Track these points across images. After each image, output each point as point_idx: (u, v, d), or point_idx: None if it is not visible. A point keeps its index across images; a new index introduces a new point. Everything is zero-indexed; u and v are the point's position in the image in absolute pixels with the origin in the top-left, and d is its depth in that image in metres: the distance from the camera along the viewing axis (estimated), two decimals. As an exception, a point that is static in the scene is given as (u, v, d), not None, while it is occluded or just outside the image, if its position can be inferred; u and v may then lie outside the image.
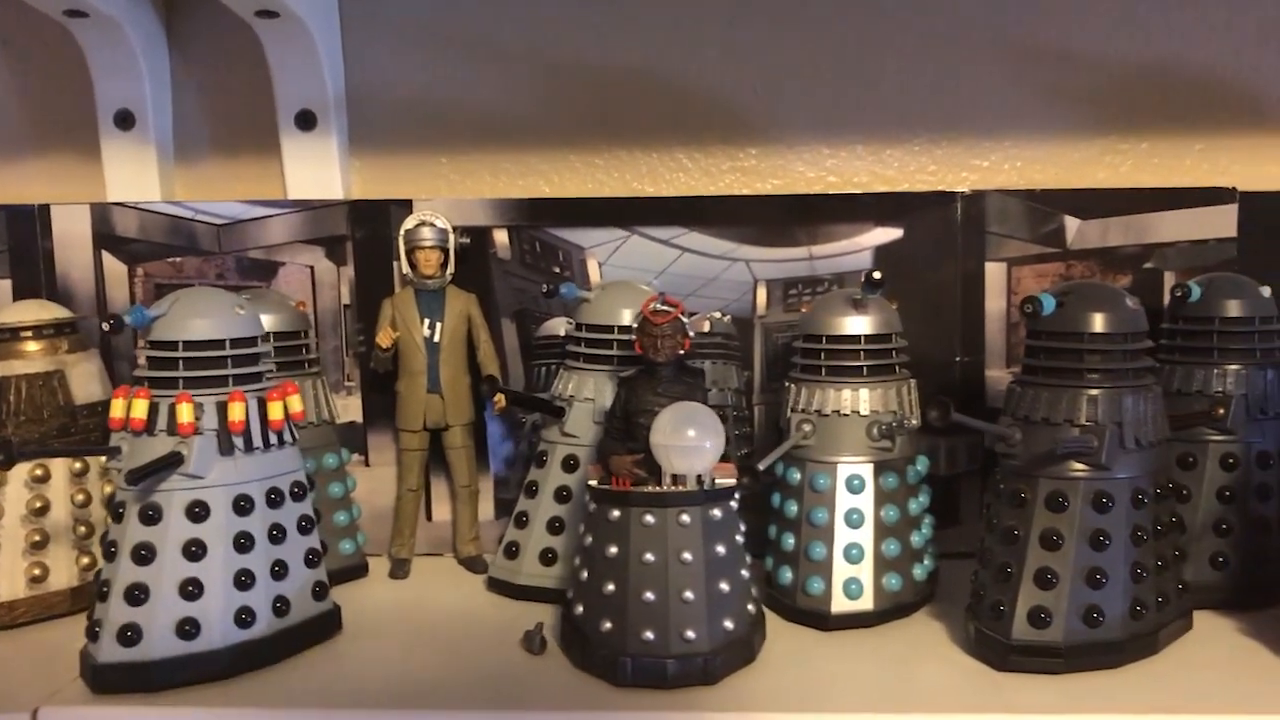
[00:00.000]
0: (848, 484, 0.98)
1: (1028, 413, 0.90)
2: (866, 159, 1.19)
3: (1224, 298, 1.02)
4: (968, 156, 1.18)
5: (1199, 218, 1.13)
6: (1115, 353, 0.89)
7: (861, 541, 0.97)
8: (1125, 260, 1.14)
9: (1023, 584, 0.87)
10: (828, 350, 1.00)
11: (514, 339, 1.17)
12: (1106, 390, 0.88)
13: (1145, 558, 0.88)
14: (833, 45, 1.18)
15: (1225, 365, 1.01)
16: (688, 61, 1.19)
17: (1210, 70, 1.16)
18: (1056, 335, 0.90)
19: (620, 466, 0.88)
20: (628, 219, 1.15)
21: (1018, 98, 1.17)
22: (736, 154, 1.19)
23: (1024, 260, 1.14)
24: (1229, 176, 1.16)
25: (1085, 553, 0.86)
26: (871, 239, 1.15)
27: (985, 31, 1.17)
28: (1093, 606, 0.86)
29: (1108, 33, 1.16)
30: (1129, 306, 0.90)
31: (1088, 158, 1.17)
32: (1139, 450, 0.88)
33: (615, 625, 0.86)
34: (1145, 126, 1.17)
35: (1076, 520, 0.87)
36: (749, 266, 1.16)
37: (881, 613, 0.97)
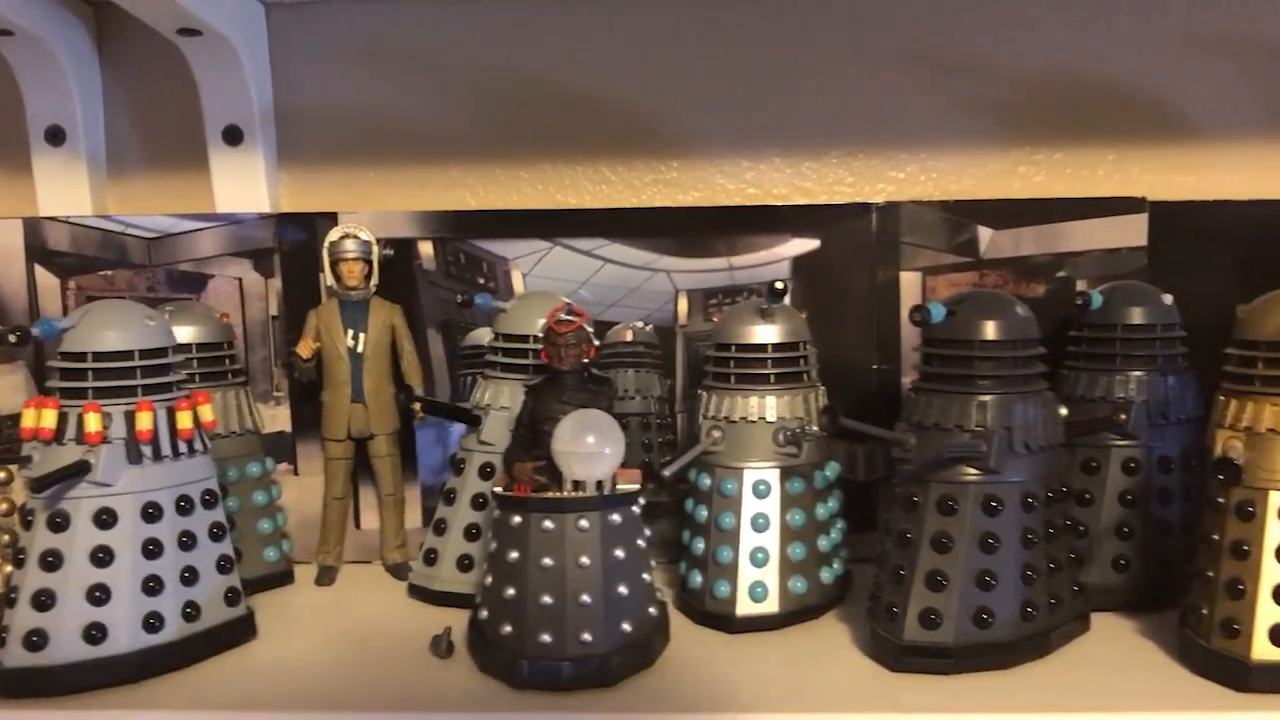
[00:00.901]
0: (754, 489, 0.99)
1: (921, 418, 0.91)
2: (785, 171, 1.21)
3: (1127, 305, 1.05)
4: (885, 168, 1.20)
5: (1110, 227, 1.16)
6: (1005, 359, 0.91)
7: (767, 545, 0.99)
8: (1038, 269, 1.16)
9: (914, 586, 0.89)
10: (737, 359, 1.02)
11: (439, 349, 1.19)
12: (997, 396, 0.90)
13: (1036, 560, 0.90)
14: (751, 60, 1.20)
15: (1128, 372, 1.03)
16: (610, 76, 1.21)
17: (1122, 83, 1.18)
18: (949, 343, 0.91)
19: (522, 473, 0.90)
20: (551, 230, 1.17)
21: (933, 110, 1.19)
22: (658, 166, 1.22)
23: (938, 270, 1.17)
24: (1140, 186, 1.18)
25: (975, 555, 0.88)
26: (789, 249, 1.17)
27: (901, 45, 1.19)
28: (983, 608, 0.88)
29: (1021, 46, 1.18)
30: (1019, 314, 0.92)
31: (1002, 169, 1.20)
32: (1029, 454, 0.90)
33: (515, 628, 0.87)
34: (1058, 138, 1.19)
35: (967, 523, 0.88)
36: (670, 277, 1.18)
37: (787, 615, 0.98)
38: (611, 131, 1.21)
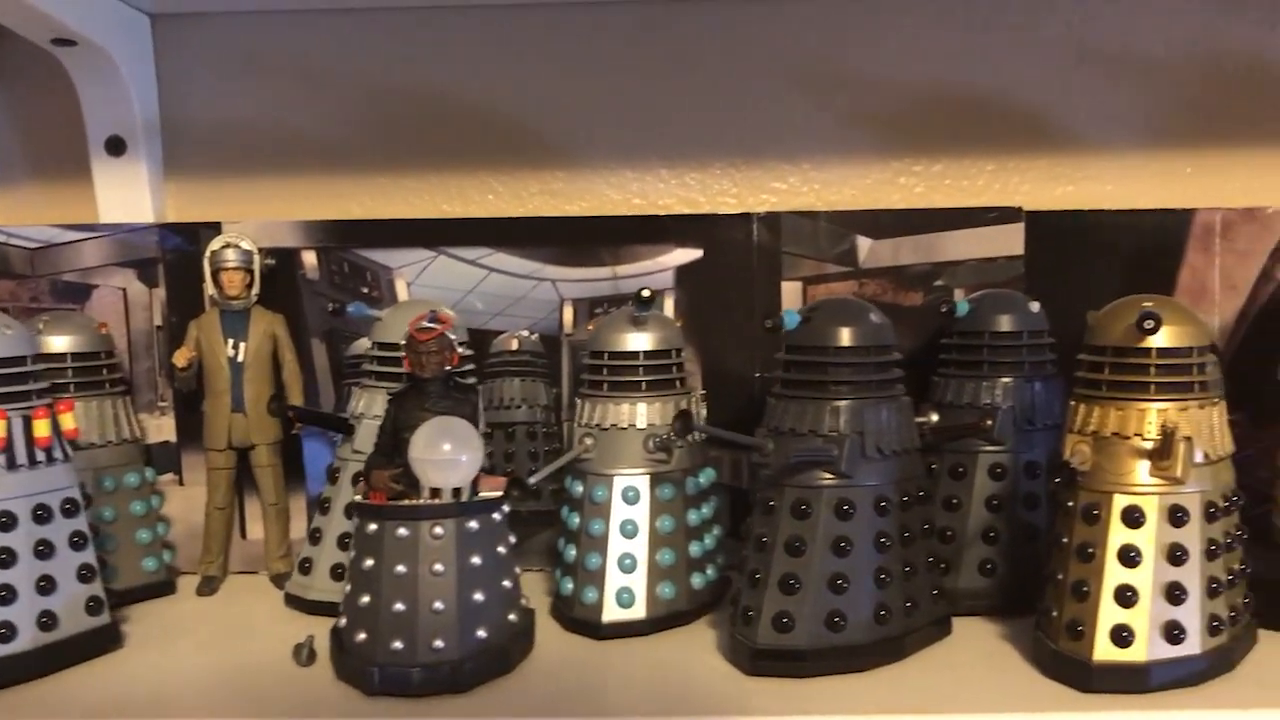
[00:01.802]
0: (623, 495, 1.00)
1: (778, 424, 0.92)
2: (670, 182, 1.22)
3: (995, 313, 1.06)
4: (768, 179, 1.21)
5: (988, 236, 1.17)
6: (860, 365, 0.92)
7: (635, 552, 0.99)
8: (916, 278, 1.17)
9: (768, 590, 0.89)
10: (609, 366, 1.03)
11: (324, 359, 1.19)
12: (851, 401, 0.91)
13: (890, 563, 0.91)
14: (637, 72, 1.21)
15: (995, 378, 1.05)
16: (497, 87, 1.22)
17: (1001, 95, 1.20)
18: (804, 350, 0.93)
19: (378, 480, 0.90)
20: (435, 240, 1.18)
21: (815, 122, 1.21)
22: (545, 177, 1.22)
23: (819, 279, 1.18)
24: (1019, 197, 1.20)
25: (828, 559, 0.89)
26: (673, 259, 1.18)
27: (783, 58, 1.20)
28: (835, 611, 0.88)
29: (902, 59, 1.20)
30: (874, 321, 0.93)
31: (883, 179, 1.21)
32: (882, 459, 0.91)
33: (368, 636, 0.87)
34: (938, 149, 1.20)
35: (819, 527, 0.89)
36: (555, 286, 1.18)
37: (654, 621, 0.99)
38: (498, 142, 1.22)
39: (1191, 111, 1.19)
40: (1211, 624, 0.85)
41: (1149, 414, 0.86)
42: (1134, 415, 0.86)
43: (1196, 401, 0.87)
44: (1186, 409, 0.86)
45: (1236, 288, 1.18)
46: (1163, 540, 0.85)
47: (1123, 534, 0.85)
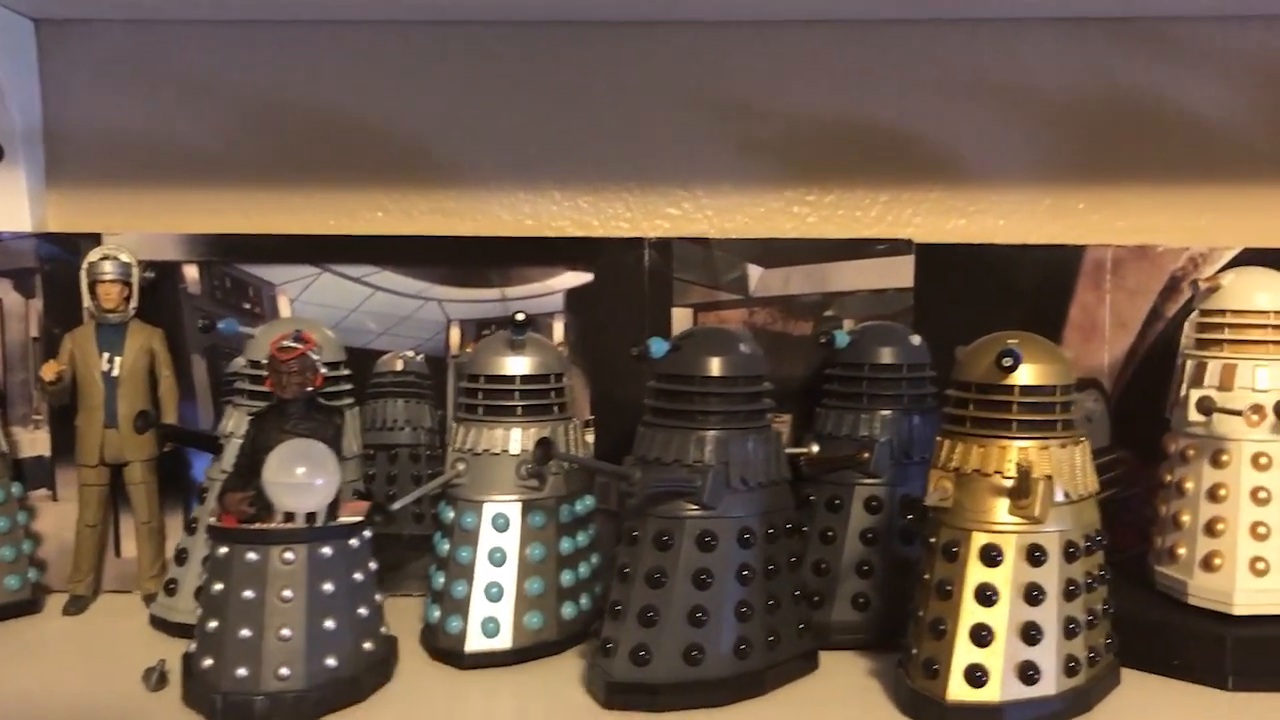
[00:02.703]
0: (493, 522, 0.98)
1: (645, 453, 0.91)
2: (562, 204, 1.21)
3: (876, 345, 1.06)
4: (662, 204, 1.21)
5: (878, 268, 1.17)
6: (728, 396, 0.91)
7: (502, 580, 0.98)
8: (806, 308, 1.17)
9: (628, 622, 0.88)
10: (485, 390, 1.01)
11: (204, 375, 1.17)
12: (717, 432, 0.90)
13: (753, 596, 0.90)
14: (531, 93, 1.20)
15: (875, 411, 1.04)
16: (389, 103, 1.20)
17: (895, 126, 1.20)
18: (673, 378, 0.92)
19: (231, 503, 0.88)
20: (320, 256, 1.16)
21: (710, 148, 1.20)
22: (436, 195, 1.21)
23: (709, 306, 1.17)
24: (911, 229, 1.20)
25: (688, 591, 0.88)
26: (563, 282, 1.17)
27: (679, 83, 1.20)
28: (694, 645, 0.87)
29: (796, 87, 1.19)
30: (744, 351, 0.92)
31: (776, 208, 1.21)
32: (748, 490, 0.90)
33: (214, 662, 0.85)
34: (831, 179, 1.20)
35: (681, 558, 0.88)
36: (442, 306, 1.17)
37: (520, 651, 0.97)
38: (389, 160, 1.21)
39: (1085, 147, 1.20)
40: (1068, 665, 0.85)
41: (1010, 451, 0.85)
42: (995, 452, 0.86)
43: (1059, 440, 0.86)
44: (1048, 448, 0.86)
45: (1127, 325, 1.19)
46: (1020, 579, 0.84)
47: (980, 572, 0.84)
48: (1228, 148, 1.20)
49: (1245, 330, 0.98)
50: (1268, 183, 1.20)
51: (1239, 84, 1.19)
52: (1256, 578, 0.94)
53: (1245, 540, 0.94)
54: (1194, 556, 0.96)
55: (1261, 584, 0.94)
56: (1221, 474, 0.96)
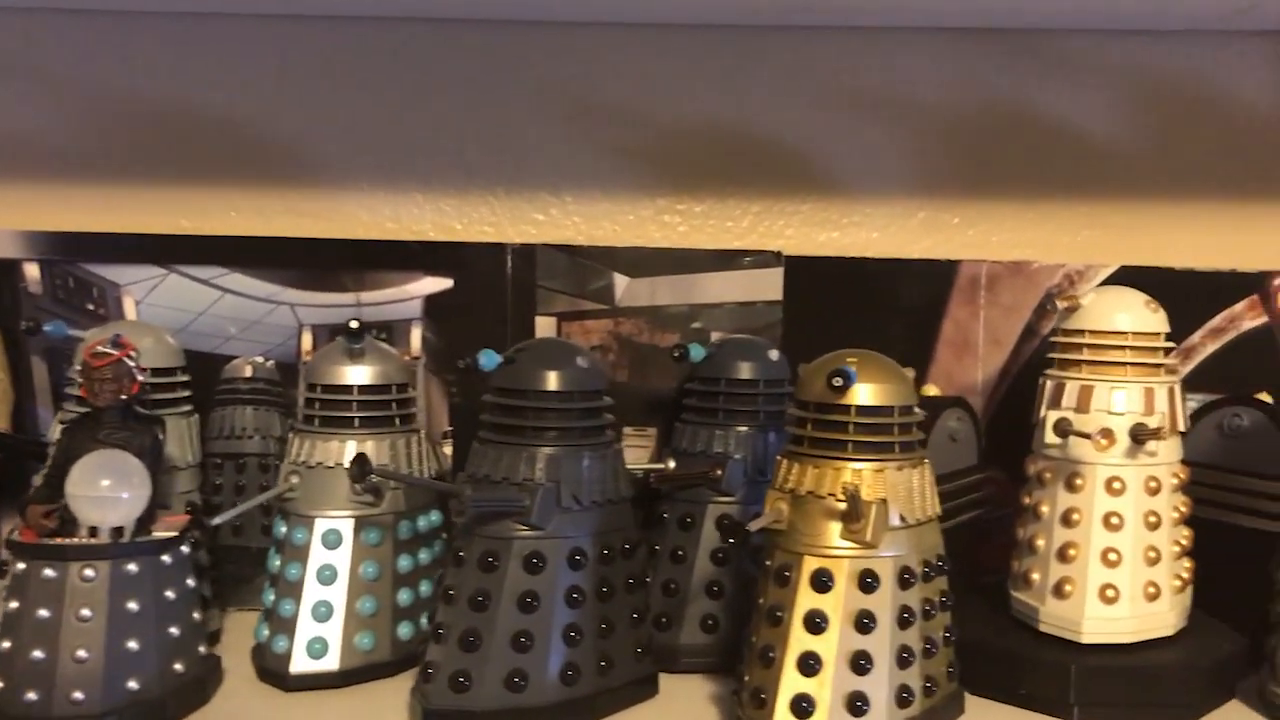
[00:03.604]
0: (323, 539, 0.95)
1: (476, 470, 0.88)
2: (425, 208, 1.17)
3: (734, 360, 1.03)
4: (529, 210, 1.17)
5: (747, 280, 1.14)
6: (563, 411, 0.88)
7: (331, 599, 0.94)
8: (673, 319, 1.14)
9: (450, 646, 0.84)
10: (322, 400, 0.97)
11: (44, 378, 1.12)
12: (549, 449, 0.86)
13: (584, 620, 0.86)
14: (394, 94, 1.17)
15: (731, 427, 1.01)
16: (245, 100, 1.16)
17: (768, 137, 1.17)
18: (506, 392, 0.88)
19: (32, 516, 0.84)
20: (167, 257, 1.11)
21: (579, 154, 1.17)
22: (292, 196, 1.17)
23: (573, 316, 1.14)
24: (782, 241, 1.18)
25: (513, 615, 0.84)
26: (421, 288, 1.13)
27: (547, 87, 1.17)
28: (517, 670, 0.84)
29: (668, 95, 1.17)
30: (580, 365, 0.89)
31: (646, 216, 1.18)
32: (581, 510, 0.87)
33: (5, 685, 0.81)
34: (702, 189, 1.17)
35: (507, 580, 0.85)
36: (294, 310, 1.13)
37: (348, 673, 0.93)
38: (244, 157, 1.16)
39: (960, 161, 1.18)
40: (900, 695, 0.82)
41: (844, 473, 0.83)
42: (830, 474, 0.83)
43: (895, 463, 0.84)
44: (883, 470, 0.83)
45: (1000, 342, 1.17)
46: (851, 607, 0.81)
47: (810, 598, 0.82)
48: (1105, 163, 1.18)
49: (1104, 351, 0.95)
50: (1145, 199, 1.19)
51: (1117, 99, 1.17)
52: (1106, 605, 0.92)
53: (1096, 566, 0.92)
54: (1046, 582, 0.94)
55: (1111, 612, 0.92)
56: (1075, 498, 0.94)
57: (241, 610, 1.09)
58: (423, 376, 1.12)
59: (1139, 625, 0.92)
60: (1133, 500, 0.93)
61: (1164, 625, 0.93)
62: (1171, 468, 0.95)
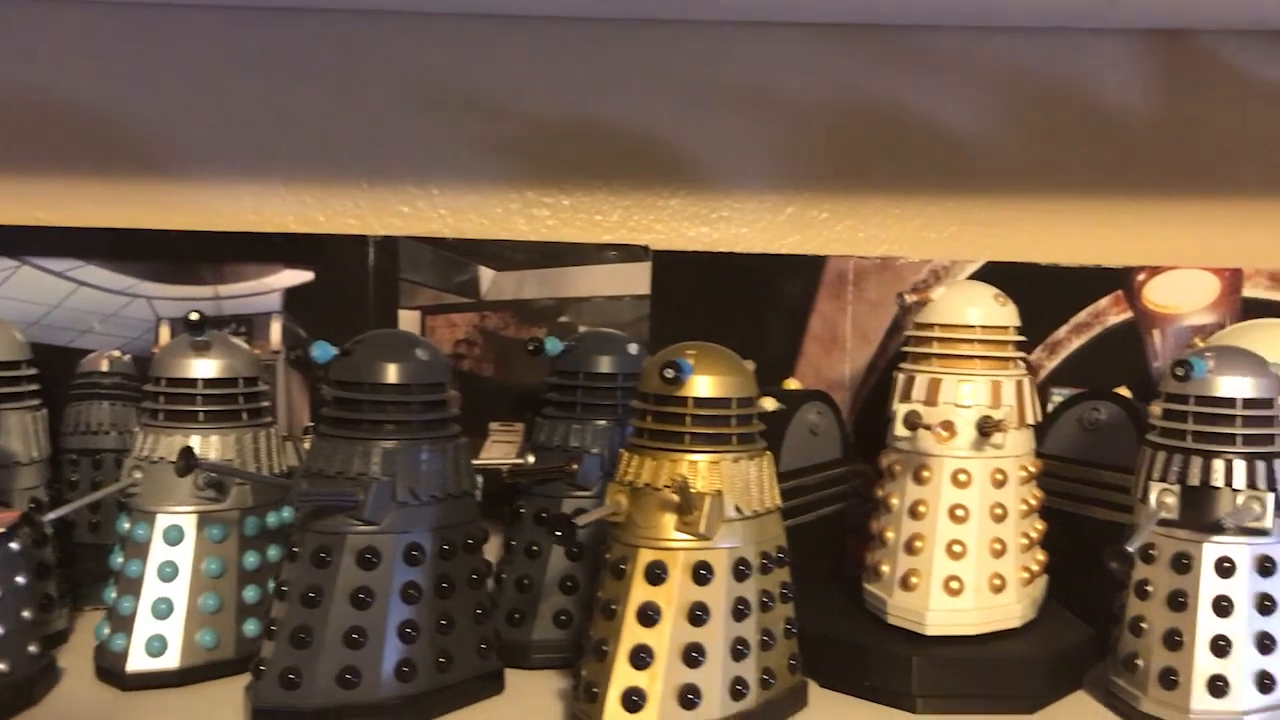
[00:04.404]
0: (165, 535, 0.93)
1: (311, 465, 0.87)
2: (288, 200, 1.15)
3: (592, 353, 1.02)
4: (395, 202, 1.16)
5: (615, 274, 1.14)
6: (401, 404, 0.86)
7: (172, 596, 0.92)
8: (540, 313, 1.13)
9: (281, 643, 0.83)
10: (166, 394, 0.95)
11: (-111, 373, 1.09)
12: (385, 443, 0.85)
13: (422, 616, 0.85)
14: (257, 83, 1.15)
15: (589, 421, 1.01)
16: (102, 88, 1.14)
17: (636, 129, 1.17)
18: (344, 385, 0.87)
19: None
20: (19, 248, 1.09)
21: (446, 146, 1.16)
22: (152, 187, 1.15)
23: (438, 309, 1.13)
24: (651, 235, 1.17)
25: (346, 611, 0.83)
26: (281, 280, 1.11)
27: (412, 78, 1.15)
28: (350, 668, 0.82)
29: (536, 86, 1.16)
30: (420, 357, 0.88)
31: (514, 210, 1.17)
32: (419, 505, 0.86)
33: None
34: (570, 183, 1.17)
35: (339, 576, 0.83)
36: (151, 304, 1.11)
37: (188, 671, 0.92)
38: (100, 147, 1.14)
39: (828, 157, 1.18)
40: (734, 687, 0.82)
41: (681, 465, 0.82)
42: (667, 466, 0.83)
43: (732, 454, 0.83)
44: (719, 462, 0.83)
45: (868, 337, 1.17)
46: (684, 599, 0.81)
47: (644, 591, 0.81)
48: (972, 160, 1.19)
49: (953, 345, 0.96)
50: (1011, 196, 1.20)
51: (984, 96, 1.18)
52: (950, 597, 0.92)
53: (941, 558, 0.93)
54: (895, 575, 0.95)
55: (955, 604, 0.92)
56: (923, 490, 0.94)
57: (98, 609, 1.06)
58: (283, 371, 1.11)
59: (984, 617, 0.92)
60: (978, 492, 0.93)
61: (1010, 617, 0.94)
62: (1020, 460, 0.95)
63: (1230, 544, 0.86)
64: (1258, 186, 1.20)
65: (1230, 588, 0.86)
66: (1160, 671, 0.86)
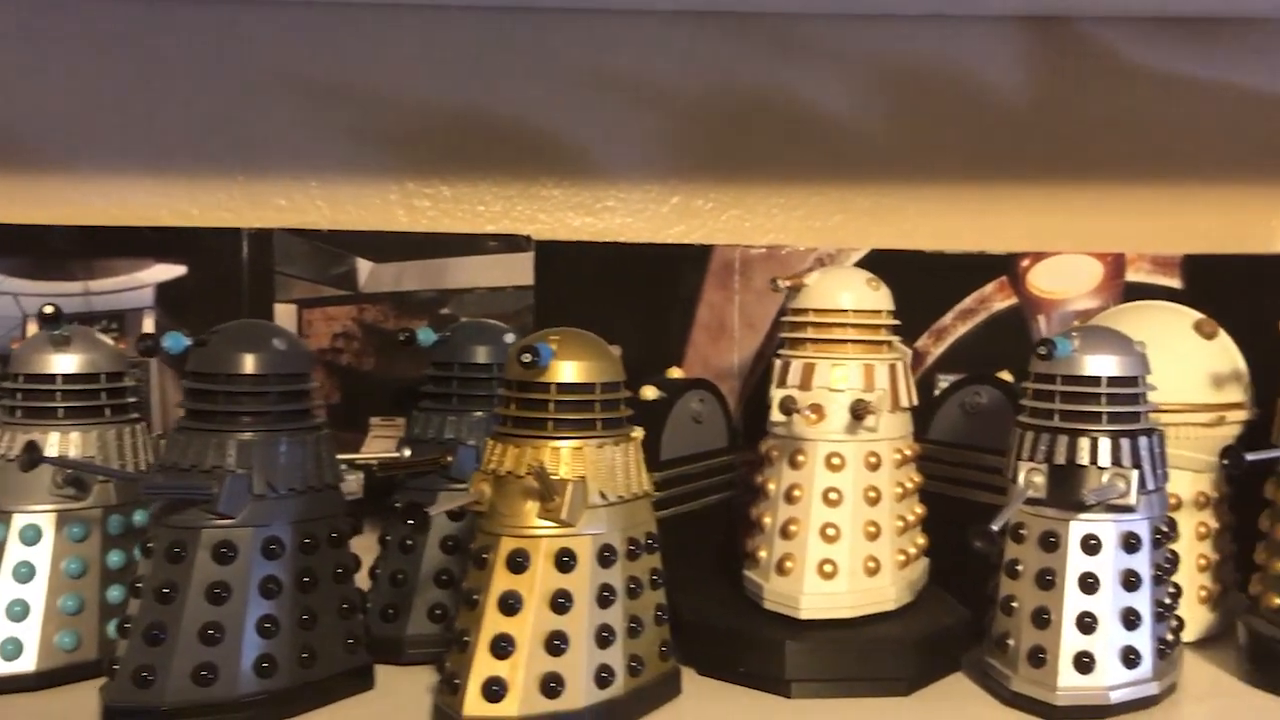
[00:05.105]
0: (21, 535, 0.90)
1: (167, 458, 0.85)
2: (157, 193, 1.14)
3: (468, 344, 1.01)
4: (270, 195, 1.14)
5: (498, 265, 1.13)
6: (259, 395, 0.85)
7: (28, 598, 0.89)
8: (421, 305, 1.12)
9: (135, 641, 0.81)
10: (24, 390, 0.93)
11: None
12: (243, 435, 0.84)
13: (282, 611, 0.83)
14: (124, 71, 1.13)
15: (465, 412, 0.99)
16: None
17: (518, 119, 1.16)
18: (199, 377, 0.85)
19: None
20: (-123, 245, 1.06)
21: (322, 137, 1.14)
22: (14, 180, 1.12)
23: (315, 302, 1.11)
24: (535, 225, 1.16)
25: (201, 607, 0.81)
26: (153, 275, 1.09)
27: (291, 66, 1.14)
28: (205, 665, 0.81)
29: (416, 78, 1.15)
30: (278, 347, 0.86)
31: (394, 201, 1.16)
32: (278, 498, 0.84)
33: None
34: (453, 173, 1.16)
35: (195, 571, 0.82)
36: (18, 300, 1.08)
37: (46, 674, 0.89)
38: (-36, 140, 1.11)
39: (713, 147, 1.18)
40: (600, 675, 0.81)
41: (543, 452, 0.81)
42: (529, 453, 0.81)
43: (597, 440, 0.83)
44: (583, 448, 0.82)
45: (755, 326, 1.17)
46: (546, 587, 0.80)
47: (506, 579, 0.80)
48: (856, 149, 1.19)
49: (827, 329, 0.96)
50: (895, 184, 1.20)
51: (866, 84, 1.19)
52: (824, 580, 0.92)
53: (815, 542, 0.92)
54: (771, 560, 0.94)
55: (829, 587, 0.92)
56: (797, 475, 0.94)
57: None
58: (156, 367, 1.08)
59: (858, 600, 0.92)
60: (852, 476, 0.93)
61: (885, 600, 0.93)
62: (895, 443, 0.95)
63: (1096, 521, 0.87)
64: (1139, 172, 1.22)
65: (1096, 565, 0.86)
66: (1029, 650, 0.86)
